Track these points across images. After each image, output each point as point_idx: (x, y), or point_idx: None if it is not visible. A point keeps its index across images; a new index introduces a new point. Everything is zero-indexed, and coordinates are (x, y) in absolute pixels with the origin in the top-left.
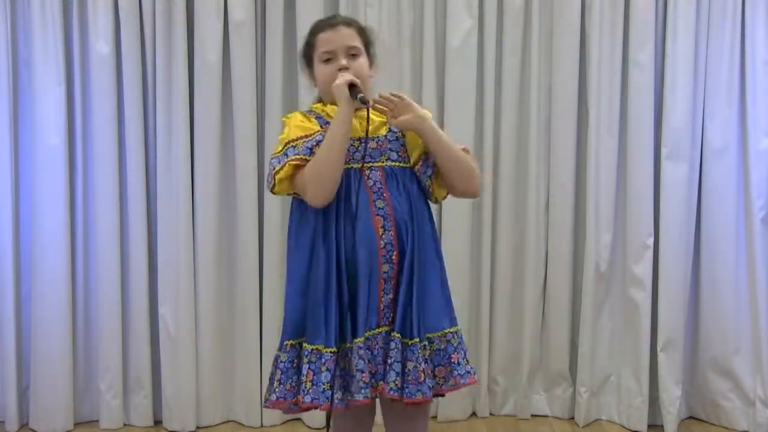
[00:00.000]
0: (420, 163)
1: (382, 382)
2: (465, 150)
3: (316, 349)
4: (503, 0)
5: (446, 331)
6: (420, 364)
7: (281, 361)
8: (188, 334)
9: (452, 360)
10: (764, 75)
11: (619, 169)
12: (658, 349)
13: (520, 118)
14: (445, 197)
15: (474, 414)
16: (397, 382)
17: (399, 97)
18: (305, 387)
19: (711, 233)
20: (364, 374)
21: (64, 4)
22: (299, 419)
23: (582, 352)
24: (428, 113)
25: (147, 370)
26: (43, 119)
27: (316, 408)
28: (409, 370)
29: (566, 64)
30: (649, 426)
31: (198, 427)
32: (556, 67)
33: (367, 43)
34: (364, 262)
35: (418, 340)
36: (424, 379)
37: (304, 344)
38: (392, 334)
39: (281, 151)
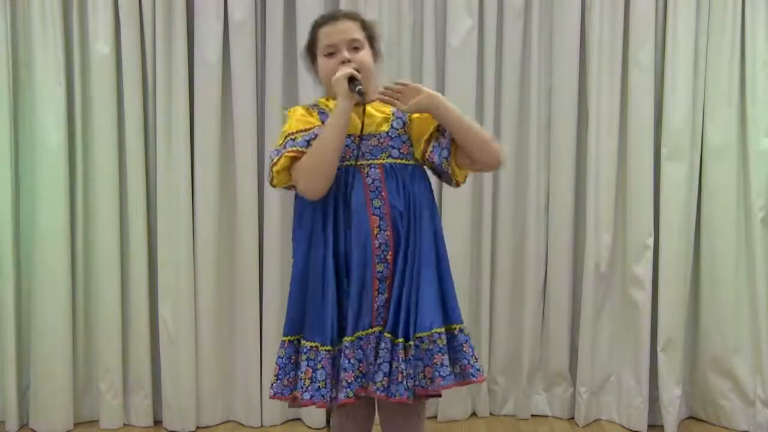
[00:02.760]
0: (431, 150)
1: (371, 382)
2: None
3: (314, 346)
4: (503, 0)
5: (434, 331)
6: (400, 364)
7: (279, 357)
8: (188, 334)
9: (435, 361)
10: (764, 75)
11: (619, 169)
12: (658, 349)
13: (520, 118)
14: (466, 178)
15: (474, 414)
16: (384, 382)
17: (403, 84)
18: (304, 384)
19: (711, 233)
20: (347, 373)
21: (64, 4)
22: (299, 419)
23: (582, 352)
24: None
25: (147, 370)
26: (43, 119)
27: (315, 405)
28: (392, 369)
29: (566, 64)
30: (649, 426)
31: (198, 427)
32: (556, 67)
33: (371, 37)
34: (358, 262)
35: (402, 340)
36: (402, 380)
37: (303, 341)
38: (384, 334)
39: (281, 144)
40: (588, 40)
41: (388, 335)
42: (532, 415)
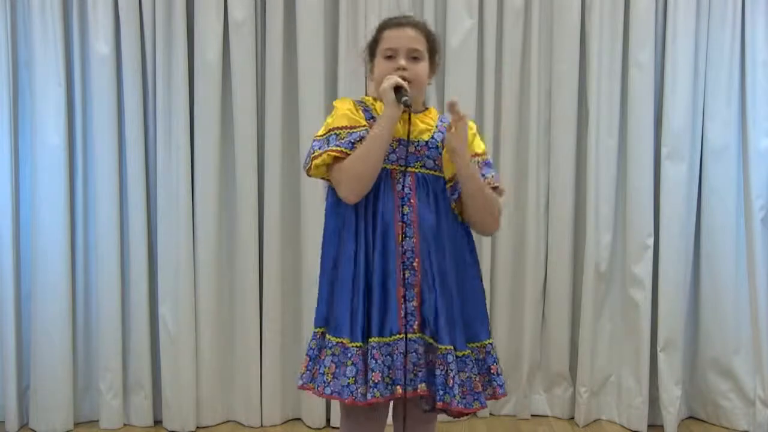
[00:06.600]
0: (450, 184)
1: (450, 396)
2: (497, 189)
3: (341, 342)
4: (503, 0)
5: (486, 342)
6: (475, 375)
7: (310, 348)
8: (188, 334)
9: (491, 371)
10: (764, 75)
11: (619, 169)
12: (658, 349)
13: (520, 119)
14: None
15: (474, 414)
16: (461, 394)
17: (462, 119)
18: (326, 379)
19: (711, 233)
20: (375, 374)
21: (64, 4)
22: (299, 419)
23: (582, 352)
24: (472, 124)
25: (147, 370)
26: (43, 119)
27: (345, 402)
28: (463, 380)
29: (566, 64)
30: (649, 426)
31: (198, 427)
32: (556, 67)
33: (432, 50)
34: (381, 267)
35: (469, 351)
36: (481, 388)
37: (327, 336)
38: (443, 347)
39: (324, 135)
40: (588, 40)
41: (449, 348)
42: (532, 415)
